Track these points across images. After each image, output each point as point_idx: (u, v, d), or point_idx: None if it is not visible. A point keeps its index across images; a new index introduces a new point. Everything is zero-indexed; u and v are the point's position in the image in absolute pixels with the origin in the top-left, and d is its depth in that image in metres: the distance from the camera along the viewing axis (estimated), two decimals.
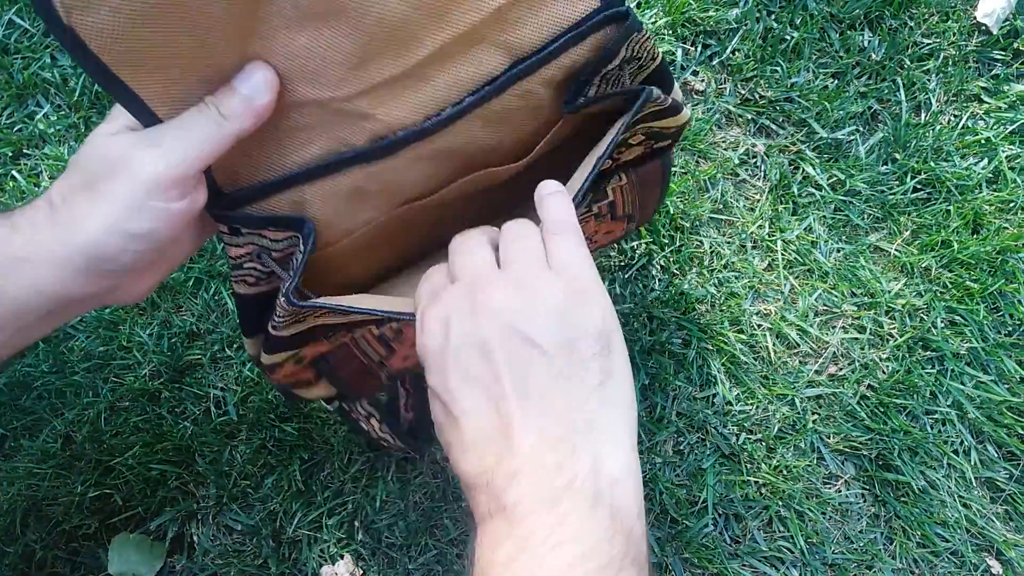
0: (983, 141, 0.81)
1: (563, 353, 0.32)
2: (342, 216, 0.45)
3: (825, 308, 0.77)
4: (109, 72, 0.32)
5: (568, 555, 0.28)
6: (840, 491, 0.73)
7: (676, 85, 0.52)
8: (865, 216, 0.80)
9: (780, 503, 0.72)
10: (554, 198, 0.38)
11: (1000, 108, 0.82)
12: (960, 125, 0.82)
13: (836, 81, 0.83)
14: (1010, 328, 0.77)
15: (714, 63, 0.84)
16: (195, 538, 0.72)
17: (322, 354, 0.53)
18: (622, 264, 0.78)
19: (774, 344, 0.76)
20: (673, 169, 0.80)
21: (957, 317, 0.77)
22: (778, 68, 0.83)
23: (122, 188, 0.33)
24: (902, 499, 0.73)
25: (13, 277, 0.34)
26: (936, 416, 0.75)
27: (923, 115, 0.83)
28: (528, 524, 0.29)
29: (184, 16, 0.32)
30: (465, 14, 0.40)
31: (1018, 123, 0.81)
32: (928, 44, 0.84)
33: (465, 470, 0.32)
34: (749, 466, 0.73)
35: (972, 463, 0.74)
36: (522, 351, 0.32)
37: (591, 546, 0.28)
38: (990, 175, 0.80)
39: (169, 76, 0.34)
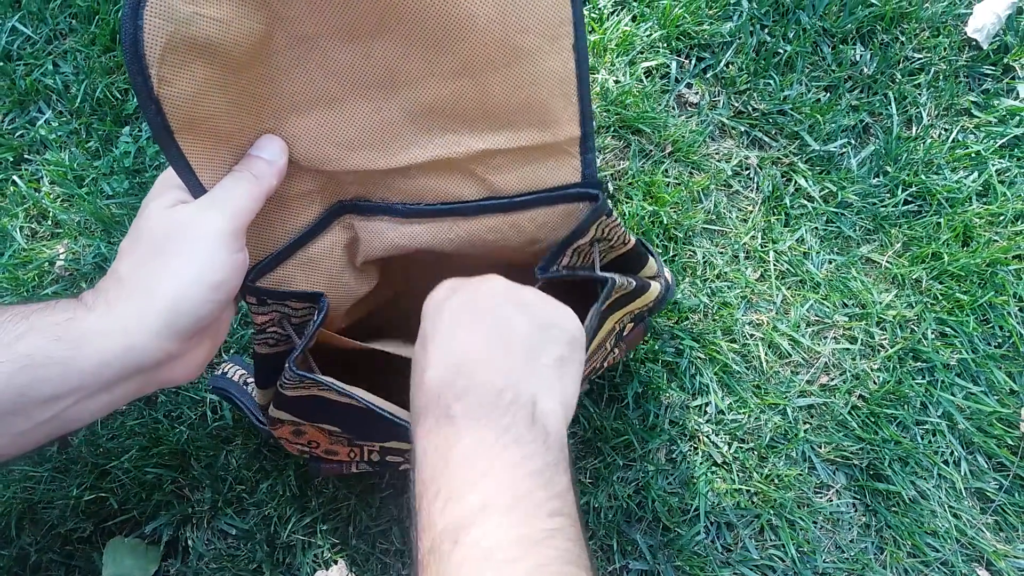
0: (973, 155, 0.82)
1: (541, 328, 0.38)
2: (342, 276, 0.50)
3: (817, 319, 0.78)
4: (172, 137, 0.37)
5: (515, 455, 0.33)
6: (831, 500, 0.74)
7: (652, 260, 0.57)
8: (857, 228, 0.81)
9: (772, 512, 0.73)
10: None
11: (990, 122, 0.83)
12: (951, 139, 0.83)
13: (828, 94, 0.84)
14: (1000, 340, 0.78)
15: (708, 76, 0.85)
16: (190, 542, 0.72)
17: (315, 455, 0.60)
18: None
19: (766, 354, 0.77)
20: (667, 180, 0.81)
21: (947, 329, 0.78)
22: (771, 81, 0.84)
23: (197, 244, 0.37)
24: (893, 509, 0.73)
25: (84, 350, 0.36)
26: (926, 427, 0.75)
27: (914, 129, 0.84)
28: (479, 429, 0.34)
29: (237, 92, 0.39)
30: (453, 146, 0.45)
31: (1008, 137, 0.82)
32: (919, 59, 0.85)
33: (420, 389, 0.36)
34: (741, 475, 0.74)
35: (962, 473, 0.74)
36: (511, 311, 0.38)
37: (531, 451, 0.33)
38: (980, 188, 0.81)
39: (211, 145, 0.40)
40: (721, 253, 0.80)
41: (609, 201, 0.47)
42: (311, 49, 0.40)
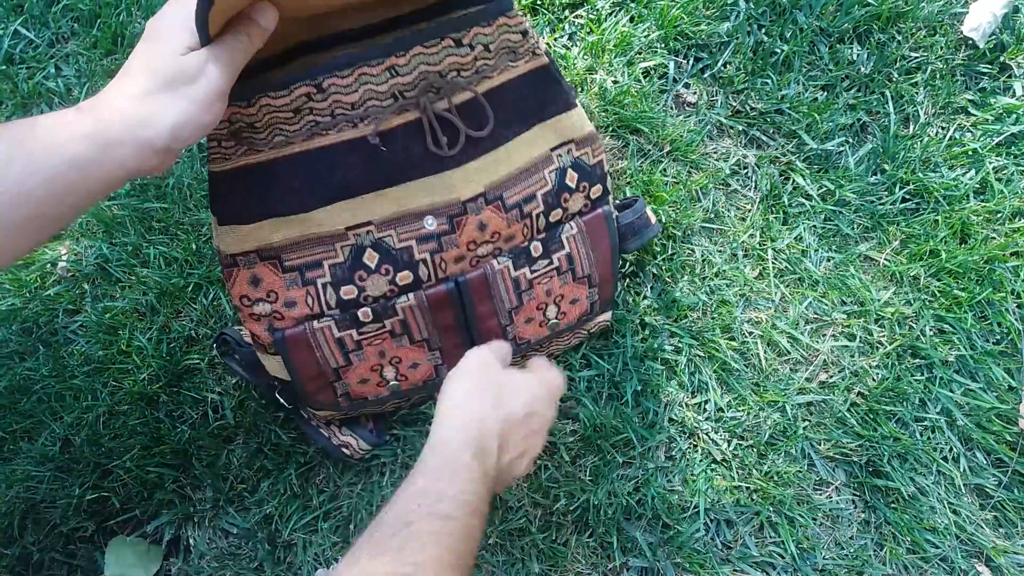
0: (970, 152, 0.82)
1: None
2: None
3: (815, 316, 0.79)
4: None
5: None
6: (831, 497, 0.74)
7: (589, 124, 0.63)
8: (855, 226, 0.81)
9: (771, 509, 0.73)
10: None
11: (987, 120, 0.84)
12: (947, 137, 0.83)
13: (826, 93, 0.85)
14: (998, 336, 0.78)
15: (706, 76, 0.85)
16: (191, 541, 0.72)
17: (276, 326, 0.61)
18: None
19: (765, 351, 0.77)
20: (665, 179, 0.82)
21: (945, 325, 0.78)
22: (769, 81, 0.84)
23: (201, 92, 0.45)
24: (892, 505, 0.74)
25: (106, 158, 0.43)
26: (925, 423, 0.76)
27: (911, 127, 0.84)
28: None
29: None
30: None
31: (1005, 135, 0.83)
32: (916, 58, 0.85)
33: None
34: (740, 472, 0.74)
35: (961, 470, 0.74)
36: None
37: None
38: (977, 186, 0.82)
39: (225, 9, 0.46)
40: (720, 251, 0.80)
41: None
42: None
